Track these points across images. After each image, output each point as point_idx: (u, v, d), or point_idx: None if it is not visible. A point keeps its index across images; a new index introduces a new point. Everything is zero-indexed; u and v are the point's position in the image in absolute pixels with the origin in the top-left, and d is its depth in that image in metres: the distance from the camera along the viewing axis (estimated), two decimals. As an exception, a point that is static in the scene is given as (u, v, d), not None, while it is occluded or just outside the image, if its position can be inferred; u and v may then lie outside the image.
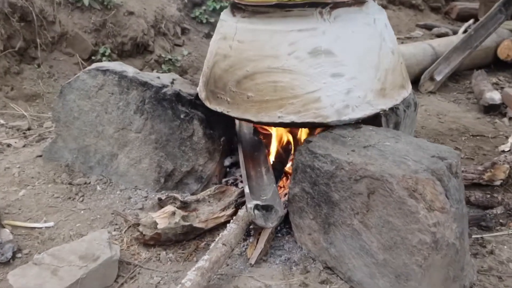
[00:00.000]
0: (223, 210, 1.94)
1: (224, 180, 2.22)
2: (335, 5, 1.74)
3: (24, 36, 3.42)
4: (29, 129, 2.89)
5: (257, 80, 1.77)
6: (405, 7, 6.29)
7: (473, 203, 2.09)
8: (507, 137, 2.93)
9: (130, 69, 2.21)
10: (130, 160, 2.21)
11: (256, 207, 1.72)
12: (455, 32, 5.37)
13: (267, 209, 1.75)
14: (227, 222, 1.81)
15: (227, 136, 2.21)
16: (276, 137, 2.28)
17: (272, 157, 2.24)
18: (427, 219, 1.37)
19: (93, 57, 3.75)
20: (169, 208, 1.86)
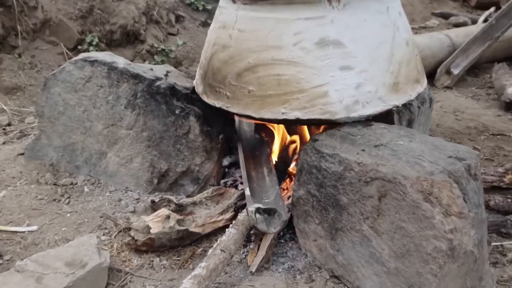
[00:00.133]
0: (221, 213, 1.96)
1: (222, 181, 2.23)
2: (345, -8, 1.75)
3: (3, 22, 3.43)
4: (9, 125, 2.90)
5: (259, 73, 1.78)
6: (420, -6, 6.31)
7: (492, 207, 2.11)
8: (530, 137, 2.95)
9: (120, 60, 2.22)
10: (120, 159, 2.22)
11: (257, 210, 1.73)
12: (474, 21, 5.39)
13: (270, 213, 1.76)
14: (226, 226, 1.82)
15: (226, 133, 2.23)
16: (279, 135, 2.29)
17: (274, 157, 2.25)
18: (443, 225, 1.38)
19: (79, 47, 3.77)
20: (163, 211, 1.87)
